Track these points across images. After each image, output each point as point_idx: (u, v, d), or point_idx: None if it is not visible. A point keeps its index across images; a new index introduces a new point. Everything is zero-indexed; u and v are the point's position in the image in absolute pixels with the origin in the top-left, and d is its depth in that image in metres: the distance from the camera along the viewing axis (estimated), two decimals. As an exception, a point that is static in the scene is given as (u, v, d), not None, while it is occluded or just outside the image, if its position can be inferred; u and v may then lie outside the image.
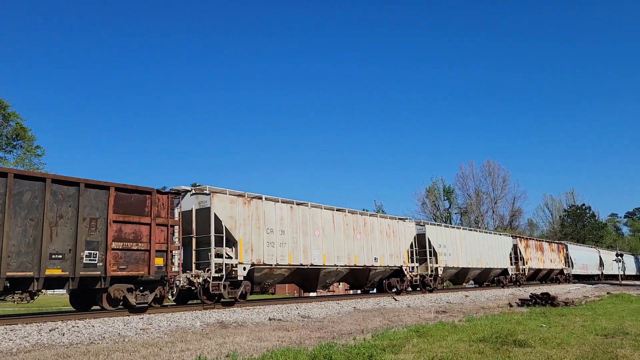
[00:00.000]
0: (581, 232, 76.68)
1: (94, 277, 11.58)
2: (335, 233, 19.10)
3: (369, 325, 11.56)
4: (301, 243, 17.54)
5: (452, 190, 68.28)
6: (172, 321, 11.29)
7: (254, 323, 11.86)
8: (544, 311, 14.53)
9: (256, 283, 16.37)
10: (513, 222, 70.76)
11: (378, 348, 7.46)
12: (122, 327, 10.24)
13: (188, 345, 8.26)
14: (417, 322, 11.70)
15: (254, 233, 15.89)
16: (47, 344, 8.33)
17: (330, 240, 18.86)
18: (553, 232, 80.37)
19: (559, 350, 7.54)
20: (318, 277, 18.87)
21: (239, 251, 15.30)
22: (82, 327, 10.01)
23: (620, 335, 9.13)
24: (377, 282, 22.27)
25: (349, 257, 19.57)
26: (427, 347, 7.74)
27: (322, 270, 18.61)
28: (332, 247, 18.83)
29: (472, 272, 28.78)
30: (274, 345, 8.19)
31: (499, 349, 7.59)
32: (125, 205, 12.40)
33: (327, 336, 9.48)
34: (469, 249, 27.76)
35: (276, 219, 16.78)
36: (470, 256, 27.82)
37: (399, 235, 22.67)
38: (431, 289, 24.46)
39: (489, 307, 17.18)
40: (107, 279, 11.77)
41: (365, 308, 16.13)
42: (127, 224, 12.37)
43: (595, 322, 11.51)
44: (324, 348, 7.36)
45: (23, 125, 37.29)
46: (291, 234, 17.24)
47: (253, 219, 15.97)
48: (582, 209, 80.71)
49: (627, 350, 7.57)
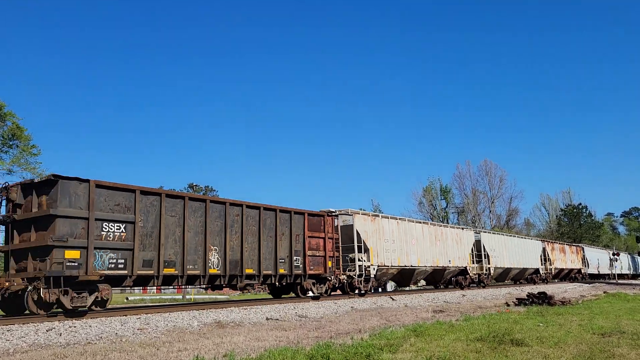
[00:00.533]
0: (578, 232, 76.88)
1: (297, 275, 17.34)
2: (424, 241, 24.35)
3: (367, 324, 11.56)
4: (404, 249, 22.94)
5: (449, 189, 68.47)
6: (169, 321, 11.27)
7: (252, 323, 11.85)
8: (541, 310, 14.56)
9: (377, 279, 21.62)
10: (510, 222, 70.98)
11: (375, 347, 7.46)
12: (119, 327, 10.22)
13: (185, 345, 8.25)
14: (415, 322, 11.71)
15: (378, 242, 21.28)
16: (44, 344, 8.31)
17: (421, 246, 24.15)
18: (550, 231, 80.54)
19: (556, 349, 7.56)
20: (412, 275, 24.07)
21: (371, 256, 20.65)
22: (79, 327, 9.99)
23: (617, 334, 9.16)
24: (448, 279, 27.34)
25: (433, 259, 24.81)
26: (424, 346, 7.74)
27: (416, 270, 23.84)
28: (422, 252, 24.13)
29: (512, 272, 33.89)
30: (272, 344, 8.18)
31: (496, 348, 7.60)
32: (312, 225, 18.04)
33: (325, 336, 9.47)
34: (511, 252, 32.72)
35: (389, 232, 22.19)
36: (512, 258, 32.82)
37: (464, 241, 27.87)
38: (484, 285, 29.50)
39: (486, 306, 17.22)
40: (306, 276, 17.59)
41: (362, 308, 16.14)
42: (313, 238, 18.02)
43: (592, 321, 11.54)
44: (321, 348, 7.35)
45: (19, 125, 37.21)
46: (398, 242, 22.55)
47: (377, 232, 21.36)
48: (579, 208, 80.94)
49: (624, 349, 7.59)
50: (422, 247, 24.02)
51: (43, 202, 11.51)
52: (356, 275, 19.72)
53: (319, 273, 18.00)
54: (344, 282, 19.52)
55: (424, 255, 24.05)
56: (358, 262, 19.77)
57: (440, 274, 26.05)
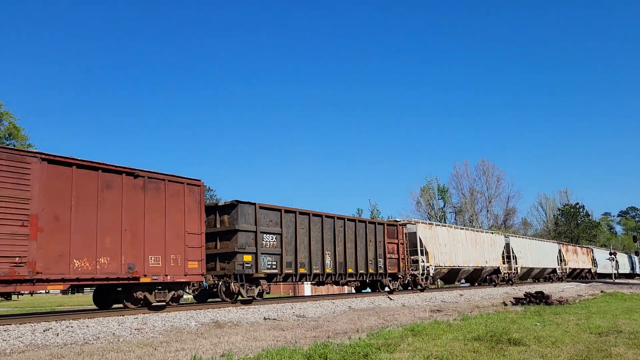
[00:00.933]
0: (575, 231, 77.07)
1: (380, 273, 21.46)
2: (467, 245, 28.57)
3: (364, 324, 11.56)
4: (453, 252, 26.99)
5: (446, 189, 68.43)
6: (166, 321, 11.24)
7: (249, 322, 11.84)
8: (539, 310, 14.59)
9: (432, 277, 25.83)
10: (507, 221, 71.10)
11: (373, 347, 7.46)
12: (116, 327, 10.19)
13: (183, 345, 8.23)
14: (412, 321, 11.71)
15: (434, 246, 25.35)
16: (41, 345, 8.29)
17: (465, 249, 28.34)
18: (547, 231, 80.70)
19: (554, 349, 7.57)
20: (458, 274, 28.32)
21: (430, 258, 24.76)
22: (77, 327, 9.96)
23: (614, 334, 9.18)
24: (484, 278, 31.71)
25: (474, 260, 29.04)
26: (422, 346, 7.75)
27: (461, 270, 28.06)
28: (466, 254, 28.27)
29: (534, 271, 38.08)
30: (269, 344, 8.17)
31: (493, 347, 7.61)
32: (389, 233, 22.28)
33: (322, 335, 9.47)
34: (533, 254, 36.98)
35: (442, 237, 26.35)
36: (534, 259, 37.01)
37: (496, 244, 32.19)
38: (512, 282, 33.39)
39: (483, 305, 17.24)
40: (386, 274, 21.76)
41: (360, 307, 16.15)
42: (390, 244, 22.16)
43: (590, 320, 11.57)
44: (319, 347, 7.35)
45: (16, 125, 37.17)
46: (448, 246, 26.64)
47: (433, 238, 25.49)
48: (576, 208, 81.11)
49: (621, 348, 7.61)
50: (465, 250, 28.34)
51: (225, 220, 15.51)
52: (419, 274, 23.91)
53: (395, 272, 22.31)
54: (408, 280, 23.59)
55: (467, 257, 28.38)
56: (421, 263, 24.08)
57: (479, 273, 30.47)
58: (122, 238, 12.21)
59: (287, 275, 16.96)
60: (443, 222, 50.72)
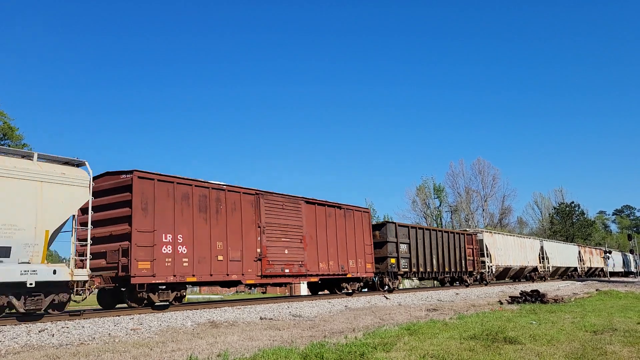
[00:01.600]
0: (570, 230, 77.23)
1: (463, 271, 27.79)
2: (514, 248, 35.14)
3: (361, 323, 11.57)
4: (506, 254, 33.47)
5: (442, 188, 68.45)
6: (162, 321, 11.21)
7: (246, 322, 11.82)
8: (534, 308, 14.64)
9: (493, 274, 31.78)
10: (503, 220, 71.20)
11: (369, 346, 7.47)
12: (112, 327, 10.15)
13: (179, 345, 8.21)
14: (409, 320, 11.73)
15: (494, 250, 31.97)
16: (36, 345, 8.25)
17: (514, 252, 34.89)
18: (542, 229, 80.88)
19: (549, 347, 7.60)
20: (508, 272, 34.48)
21: (492, 259, 31.43)
22: (72, 327, 9.91)
23: (609, 332, 9.22)
24: (525, 275, 37.62)
25: (520, 261, 35.47)
26: (418, 344, 7.76)
27: (511, 268, 34.36)
28: (514, 256, 34.75)
29: (560, 269, 43.89)
30: (266, 344, 8.17)
31: (489, 346, 7.63)
32: (467, 240, 28.95)
33: (319, 335, 9.47)
34: (560, 255, 43.28)
35: (499, 242, 33.07)
36: (561, 258, 43.32)
37: (534, 247, 38.54)
38: (544, 279, 38.93)
39: (479, 304, 17.28)
40: (466, 272, 28.20)
41: (356, 307, 16.14)
42: (468, 248, 28.75)
43: (585, 318, 11.61)
44: (315, 347, 7.35)
45: (10, 125, 36.95)
46: (503, 249, 33.32)
47: (494, 243, 32.13)
48: (571, 207, 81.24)
49: (616, 346, 7.65)
50: (514, 253, 34.77)
51: (377, 234, 22.42)
52: (486, 272, 30.57)
53: (471, 270, 28.80)
54: (478, 276, 29.90)
55: (515, 258, 34.79)
56: (487, 263, 30.71)
57: (522, 271, 36.49)
58: (337, 248, 18.94)
59: (413, 273, 23.61)
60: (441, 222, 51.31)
